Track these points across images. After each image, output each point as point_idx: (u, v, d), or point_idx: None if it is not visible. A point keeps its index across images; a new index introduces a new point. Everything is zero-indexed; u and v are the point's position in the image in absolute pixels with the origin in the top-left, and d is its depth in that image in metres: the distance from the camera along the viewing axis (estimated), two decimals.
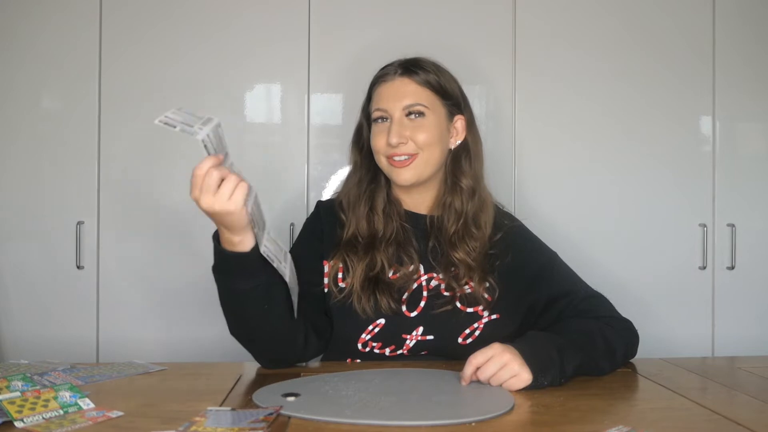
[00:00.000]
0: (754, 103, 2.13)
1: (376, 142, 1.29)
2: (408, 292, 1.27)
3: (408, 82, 1.29)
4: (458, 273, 1.27)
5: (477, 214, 1.31)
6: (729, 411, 0.94)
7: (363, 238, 1.30)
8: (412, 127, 1.27)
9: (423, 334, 1.25)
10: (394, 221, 1.32)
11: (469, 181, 1.32)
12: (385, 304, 1.24)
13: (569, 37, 2.08)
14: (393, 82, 1.29)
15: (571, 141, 2.08)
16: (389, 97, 1.28)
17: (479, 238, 1.29)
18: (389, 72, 1.31)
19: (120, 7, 2.00)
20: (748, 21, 2.12)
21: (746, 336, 2.08)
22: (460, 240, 1.29)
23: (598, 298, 1.28)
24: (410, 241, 1.31)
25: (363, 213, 1.32)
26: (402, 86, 1.29)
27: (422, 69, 1.30)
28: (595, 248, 2.03)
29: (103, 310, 2.00)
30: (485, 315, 1.27)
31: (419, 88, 1.29)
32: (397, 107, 1.27)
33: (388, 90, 1.29)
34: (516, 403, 0.96)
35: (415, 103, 1.28)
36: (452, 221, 1.30)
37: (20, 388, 0.92)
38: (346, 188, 1.36)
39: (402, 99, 1.28)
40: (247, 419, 0.86)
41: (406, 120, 1.27)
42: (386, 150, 1.27)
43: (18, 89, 2.00)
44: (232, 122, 2.02)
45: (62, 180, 2.00)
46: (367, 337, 1.25)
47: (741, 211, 2.11)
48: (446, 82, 1.32)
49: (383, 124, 1.29)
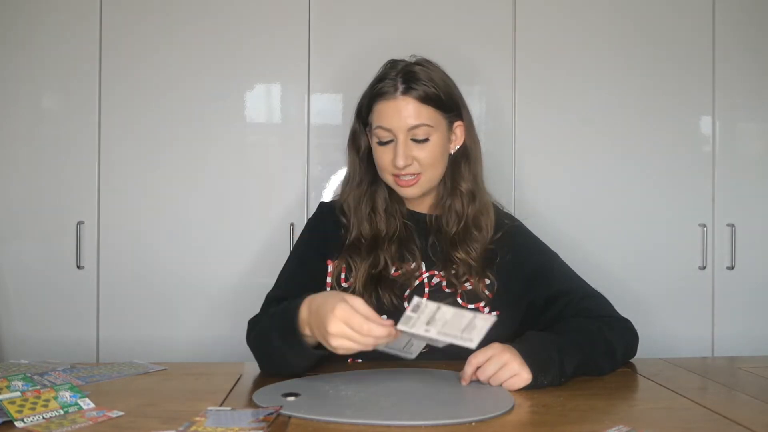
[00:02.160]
0: (754, 103, 2.13)
1: (382, 161, 1.29)
2: (410, 288, 1.28)
3: (410, 101, 1.26)
4: (458, 271, 1.28)
5: (477, 217, 1.32)
6: (729, 411, 0.94)
7: (366, 239, 1.30)
8: (417, 148, 1.26)
9: None
10: (397, 219, 1.33)
11: (468, 185, 1.33)
12: (387, 301, 1.25)
13: (569, 38, 2.08)
14: (395, 101, 1.26)
15: (571, 141, 2.08)
16: (392, 117, 1.26)
17: (480, 239, 1.30)
18: (389, 89, 1.27)
19: (120, 7, 2.00)
20: (748, 21, 2.12)
21: (746, 336, 2.08)
22: (460, 241, 1.30)
23: (598, 297, 1.28)
24: (413, 239, 1.33)
25: (365, 215, 1.32)
26: (405, 105, 1.26)
27: (422, 83, 1.27)
28: (595, 248, 2.03)
29: (103, 310, 2.00)
30: (486, 311, 1.27)
31: (421, 107, 1.26)
32: (401, 128, 1.26)
33: (391, 109, 1.26)
34: (516, 402, 0.96)
35: (419, 124, 1.26)
36: (453, 223, 1.31)
37: (20, 388, 0.92)
38: (347, 192, 1.36)
39: (406, 119, 1.26)
40: (247, 419, 0.86)
41: (410, 141, 1.27)
42: (392, 169, 1.27)
43: (18, 89, 2.00)
44: (232, 122, 2.02)
45: (62, 180, 2.00)
46: None
47: (741, 211, 2.11)
48: (446, 92, 1.30)
49: (389, 144, 1.27)
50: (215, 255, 2.00)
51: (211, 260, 2.01)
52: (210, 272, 2.00)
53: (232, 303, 1.94)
